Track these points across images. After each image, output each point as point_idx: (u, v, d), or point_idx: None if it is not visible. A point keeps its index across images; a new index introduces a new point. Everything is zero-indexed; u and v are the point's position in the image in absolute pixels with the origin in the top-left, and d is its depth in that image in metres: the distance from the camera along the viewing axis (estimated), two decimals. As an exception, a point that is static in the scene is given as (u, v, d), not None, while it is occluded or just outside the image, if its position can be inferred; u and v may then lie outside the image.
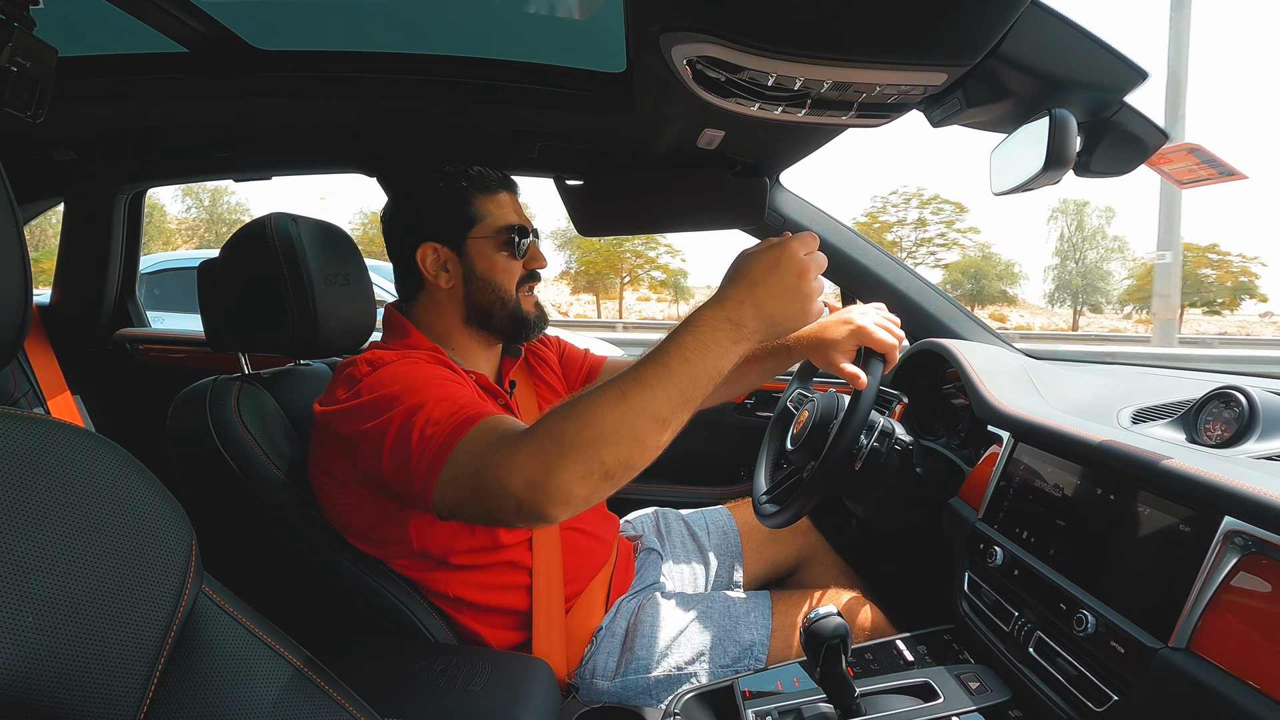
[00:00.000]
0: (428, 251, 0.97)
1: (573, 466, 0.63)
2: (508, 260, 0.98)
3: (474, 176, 0.99)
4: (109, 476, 0.46)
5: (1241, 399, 0.74)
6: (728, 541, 1.25)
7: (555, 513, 0.64)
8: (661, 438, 0.65)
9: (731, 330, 0.65)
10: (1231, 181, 0.81)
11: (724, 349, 0.65)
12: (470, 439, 0.70)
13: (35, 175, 1.57)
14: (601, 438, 0.63)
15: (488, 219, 0.98)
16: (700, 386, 0.64)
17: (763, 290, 0.66)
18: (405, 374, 0.81)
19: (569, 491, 0.63)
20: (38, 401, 1.67)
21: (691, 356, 0.64)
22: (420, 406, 0.75)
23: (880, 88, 0.70)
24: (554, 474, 0.63)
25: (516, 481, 0.64)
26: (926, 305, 1.39)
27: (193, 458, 0.90)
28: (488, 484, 0.66)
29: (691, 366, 0.64)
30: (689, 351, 0.64)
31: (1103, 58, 0.70)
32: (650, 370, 0.64)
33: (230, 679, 0.51)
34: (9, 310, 0.43)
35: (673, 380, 0.64)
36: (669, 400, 0.64)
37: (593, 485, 0.63)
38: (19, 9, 0.76)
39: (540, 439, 0.65)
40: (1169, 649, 0.57)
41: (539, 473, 0.63)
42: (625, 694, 0.92)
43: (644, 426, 0.63)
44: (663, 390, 0.63)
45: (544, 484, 0.63)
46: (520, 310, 1.00)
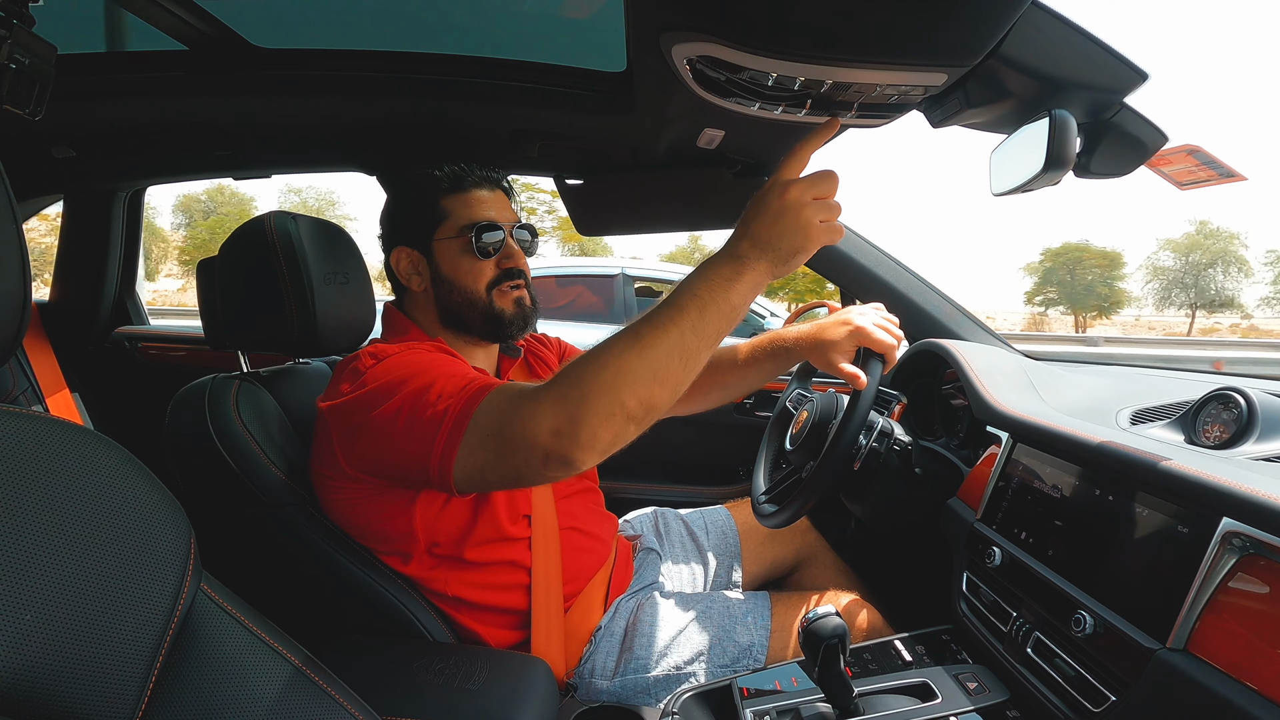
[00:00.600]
0: (400, 256, 0.98)
1: (595, 409, 0.64)
2: (473, 260, 0.95)
3: (444, 176, 0.97)
4: (108, 474, 0.46)
5: (1240, 400, 0.74)
6: (726, 541, 1.25)
7: (583, 457, 0.65)
8: (680, 374, 0.65)
9: (733, 263, 0.66)
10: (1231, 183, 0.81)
11: (727, 280, 0.65)
12: (488, 402, 0.71)
13: (34, 173, 1.57)
14: (620, 377, 0.64)
15: (451, 218, 0.96)
16: (710, 320, 0.65)
17: (756, 222, 0.66)
18: (410, 360, 0.81)
19: (594, 434, 0.64)
20: (36, 399, 1.67)
21: (698, 291, 0.65)
22: (430, 385, 0.75)
23: (880, 88, 0.70)
24: (578, 419, 0.64)
25: (542, 431, 0.65)
26: (926, 305, 1.39)
27: (191, 456, 0.90)
28: (512, 440, 0.67)
29: (701, 301, 0.65)
30: (695, 287, 0.66)
31: (1103, 59, 0.70)
32: (661, 310, 0.66)
33: (228, 677, 0.51)
34: (8, 308, 0.43)
35: (684, 315, 0.65)
36: (682, 335, 0.65)
37: (617, 427, 0.65)
38: (18, 6, 0.76)
39: (560, 386, 0.66)
40: (1167, 650, 0.57)
41: (563, 419, 0.64)
42: (624, 693, 0.92)
43: (661, 362, 0.64)
44: (675, 326, 0.64)
45: (570, 430, 0.64)
46: (493, 309, 0.97)
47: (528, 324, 1.00)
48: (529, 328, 1.02)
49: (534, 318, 1.02)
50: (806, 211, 0.65)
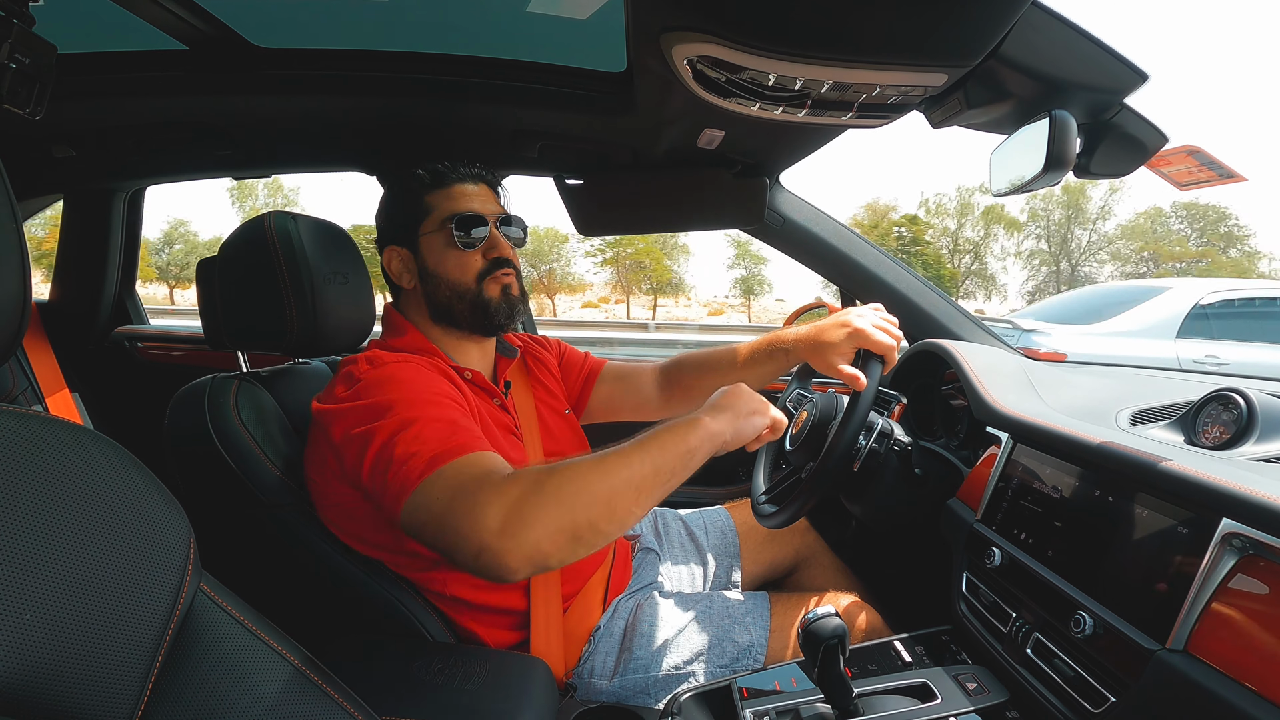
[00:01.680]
0: (391, 255, 0.99)
1: (546, 521, 0.66)
2: (458, 252, 0.95)
3: (428, 173, 0.98)
4: (107, 474, 0.46)
5: (1240, 401, 0.74)
6: (726, 542, 1.25)
7: (515, 566, 0.65)
8: (632, 507, 0.71)
9: (691, 424, 0.77)
10: (1231, 184, 0.81)
11: (682, 436, 0.75)
12: (452, 470, 0.71)
13: (34, 172, 1.57)
14: (576, 496, 0.67)
15: (434, 212, 0.97)
16: (666, 463, 0.73)
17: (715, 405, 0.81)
18: (403, 381, 0.81)
19: (536, 545, 0.65)
20: (36, 399, 1.67)
21: (660, 435, 0.75)
22: (411, 422, 0.76)
23: (880, 88, 0.70)
24: (528, 524, 0.65)
25: (488, 525, 0.65)
26: (925, 306, 1.39)
27: (191, 456, 0.90)
28: (456, 519, 0.68)
29: (661, 442, 0.74)
30: (660, 433, 0.75)
31: (1103, 59, 0.70)
32: (627, 446, 0.73)
33: (228, 677, 0.51)
34: (8, 307, 0.43)
35: (645, 453, 0.72)
36: (641, 469, 0.71)
37: (560, 544, 0.66)
38: (18, 5, 0.76)
39: (521, 486, 0.68)
40: (1166, 650, 0.57)
41: (513, 520, 0.65)
42: (623, 693, 0.92)
43: (616, 491, 0.69)
44: (636, 462, 0.71)
45: (515, 532, 0.65)
46: (482, 297, 0.96)
47: (514, 312, 1.00)
48: (515, 317, 1.01)
49: (519, 308, 1.01)
50: (752, 414, 0.83)
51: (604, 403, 1.21)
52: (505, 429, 0.97)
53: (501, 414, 0.99)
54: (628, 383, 1.21)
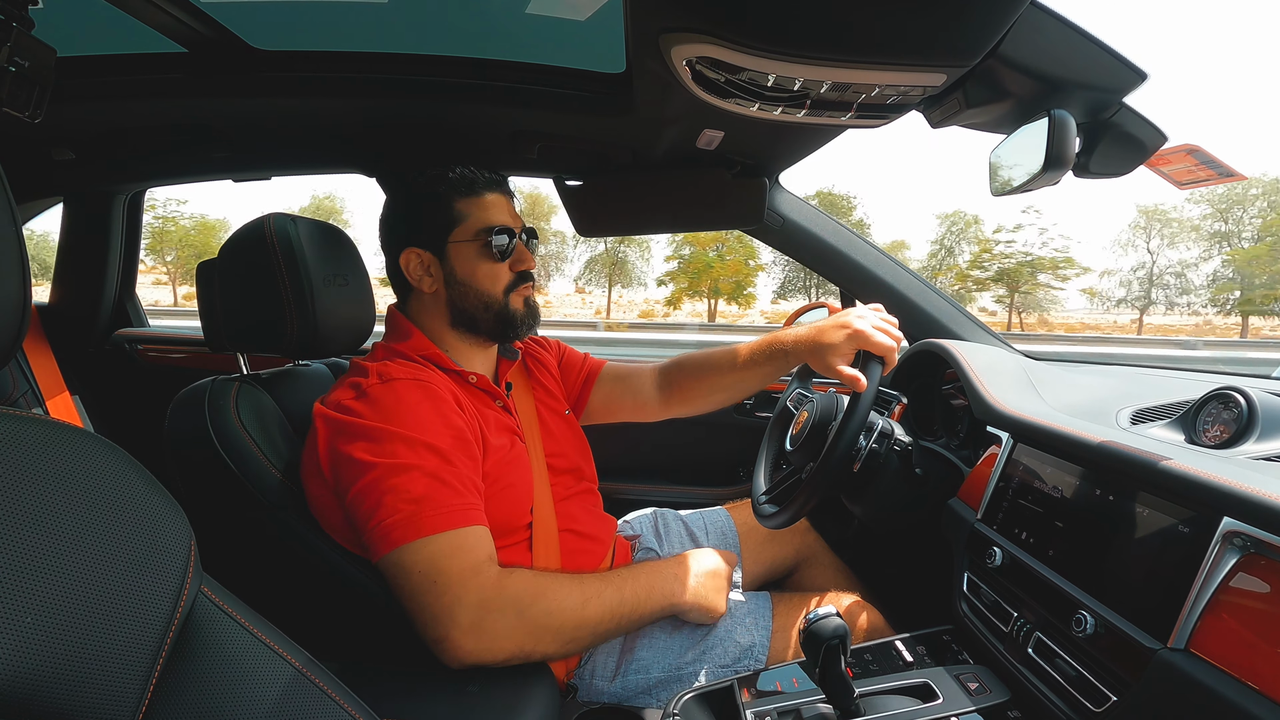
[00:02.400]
0: (410, 257, 0.98)
1: (511, 639, 0.76)
2: (491, 264, 0.97)
3: (456, 179, 0.98)
4: (108, 477, 0.46)
5: (1240, 400, 0.74)
6: (726, 542, 1.24)
7: (467, 662, 0.76)
8: (583, 646, 0.85)
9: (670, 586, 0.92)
10: (1230, 182, 0.81)
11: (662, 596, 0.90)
12: (435, 548, 0.75)
13: (34, 175, 1.57)
14: (547, 629, 0.78)
15: (468, 221, 0.96)
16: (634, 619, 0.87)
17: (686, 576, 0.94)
18: (407, 411, 0.82)
19: (492, 653, 0.75)
20: (36, 402, 1.67)
21: (642, 595, 0.88)
22: (406, 469, 0.77)
23: (880, 88, 0.70)
24: (493, 637, 0.75)
25: (457, 622, 0.74)
26: (926, 306, 1.39)
27: (191, 458, 0.90)
28: (430, 602, 0.74)
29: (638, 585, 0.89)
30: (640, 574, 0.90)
31: (1102, 59, 0.70)
32: (612, 576, 0.88)
33: (229, 679, 0.51)
34: (8, 310, 0.43)
35: (621, 598, 0.86)
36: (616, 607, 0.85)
37: (511, 657, 0.77)
38: (18, 9, 0.76)
39: (499, 598, 0.76)
40: (1168, 649, 0.57)
41: (482, 630, 0.74)
42: (625, 694, 0.92)
43: (585, 634, 0.82)
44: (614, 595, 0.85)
45: (478, 639, 0.74)
46: (508, 310, 0.98)
47: (535, 323, 1.03)
48: (535, 327, 1.03)
49: (539, 319, 1.04)
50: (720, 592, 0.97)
51: (603, 403, 1.21)
52: (507, 430, 0.97)
53: (504, 415, 0.99)
54: (627, 383, 1.21)
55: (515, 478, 0.93)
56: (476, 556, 0.76)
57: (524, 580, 0.78)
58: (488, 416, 0.94)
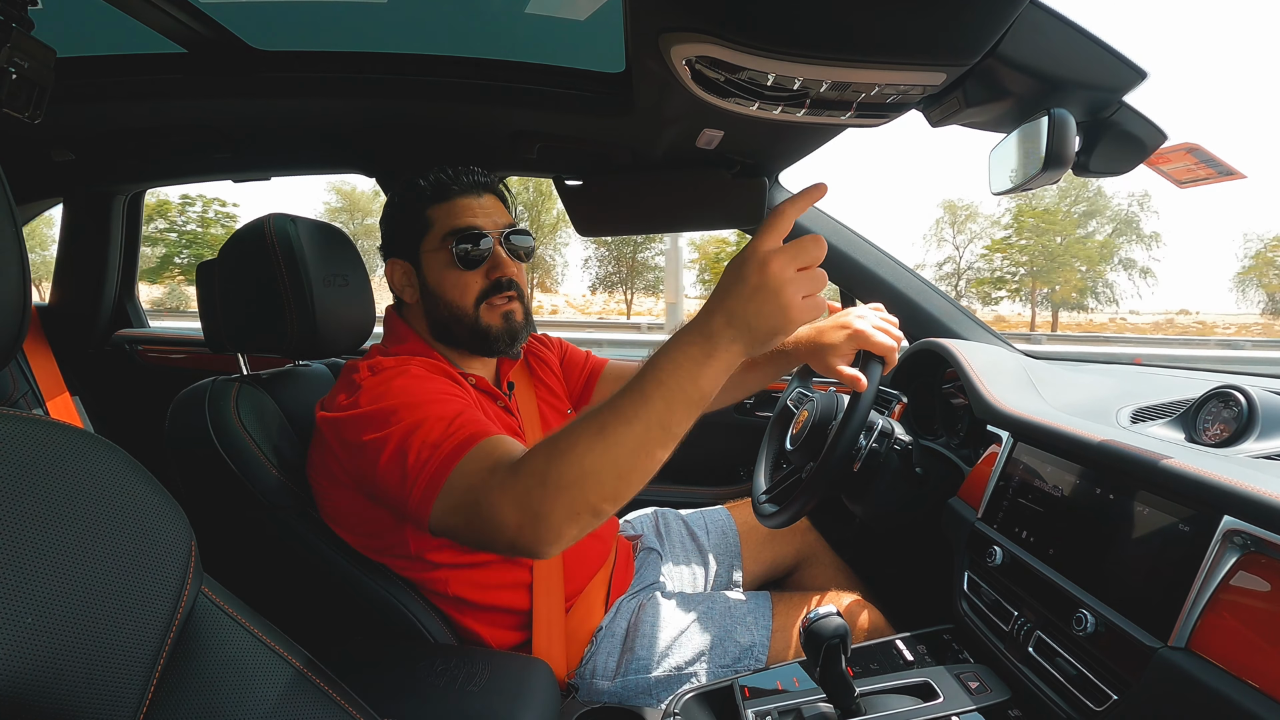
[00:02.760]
0: (394, 268, 0.97)
1: (559, 510, 0.61)
2: (459, 271, 0.92)
3: (429, 184, 0.94)
4: (108, 477, 0.46)
5: (1240, 398, 0.74)
6: (727, 541, 1.25)
7: (548, 551, 0.64)
8: (646, 468, 0.62)
9: (704, 343, 0.59)
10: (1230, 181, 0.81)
11: (698, 365, 0.59)
12: (465, 467, 0.70)
13: (34, 176, 1.57)
14: (584, 478, 0.60)
15: (435, 227, 0.93)
16: (679, 409, 0.60)
17: (732, 296, 0.58)
18: (405, 386, 0.81)
19: (559, 532, 0.63)
20: (37, 403, 1.67)
21: (665, 379, 0.59)
22: (418, 425, 0.75)
23: (879, 88, 0.70)
24: (542, 518, 0.62)
25: (508, 523, 0.64)
26: (926, 305, 1.39)
27: (192, 459, 0.90)
28: (481, 519, 0.67)
29: (667, 390, 0.59)
30: (663, 374, 0.59)
31: (1102, 57, 0.70)
32: (626, 400, 0.60)
33: (229, 680, 0.51)
34: (8, 311, 0.43)
35: (649, 407, 0.59)
36: (648, 429, 0.59)
37: (583, 523, 0.63)
38: (17, 10, 0.76)
39: (526, 478, 0.64)
40: (1168, 648, 0.57)
41: (527, 517, 0.63)
42: (625, 694, 0.92)
43: (625, 460, 0.60)
44: (640, 421, 0.59)
45: (534, 527, 0.63)
46: (479, 325, 0.93)
47: (516, 339, 0.96)
48: (518, 342, 0.98)
49: (525, 332, 0.98)
50: (789, 289, 0.57)
51: None
52: (510, 430, 0.97)
53: (506, 416, 0.99)
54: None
55: None
56: (495, 459, 0.69)
57: (534, 453, 0.66)
58: (490, 414, 0.94)
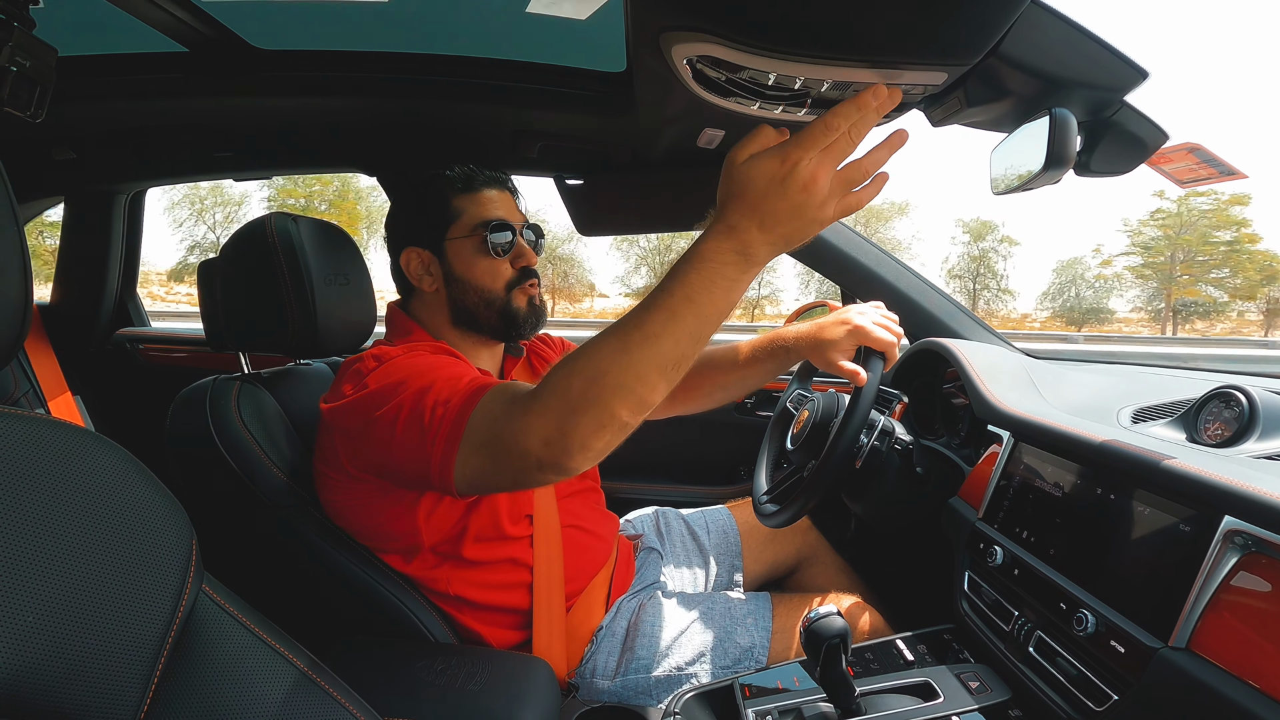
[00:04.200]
0: (410, 256, 0.97)
1: (586, 421, 0.61)
2: (489, 259, 0.96)
3: (454, 176, 0.97)
4: (109, 476, 0.46)
5: (1241, 398, 0.74)
6: (727, 541, 1.25)
7: (577, 464, 0.64)
8: (672, 378, 0.61)
9: (740, 261, 0.57)
10: (1231, 181, 0.81)
11: (732, 282, 0.58)
12: (482, 407, 0.70)
13: (35, 175, 1.57)
14: (610, 391, 0.60)
15: (463, 217, 0.96)
16: (709, 324, 0.59)
17: (768, 213, 0.56)
18: (410, 362, 0.81)
19: (585, 444, 0.62)
20: (38, 402, 1.67)
21: (697, 296, 0.58)
22: (428, 388, 0.75)
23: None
24: (568, 430, 0.62)
25: (534, 442, 0.64)
26: (926, 304, 1.39)
27: (193, 457, 0.90)
28: (506, 447, 0.67)
29: (698, 306, 0.58)
30: (694, 290, 0.58)
31: (1103, 57, 0.70)
32: (655, 316, 0.59)
33: (230, 678, 0.51)
34: (9, 310, 0.43)
35: (679, 324, 0.58)
36: (677, 344, 0.59)
37: (610, 435, 0.62)
38: (19, 8, 0.76)
39: (548, 398, 0.63)
40: (1169, 648, 0.57)
41: (553, 431, 0.62)
42: (625, 693, 0.92)
43: (652, 374, 0.60)
44: (670, 337, 0.59)
45: (560, 440, 0.62)
46: (511, 307, 0.97)
47: (539, 322, 1.01)
48: (540, 326, 1.02)
49: (544, 318, 1.02)
50: (831, 204, 0.56)
51: None
52: None
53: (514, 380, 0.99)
54: None
55: None
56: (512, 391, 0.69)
57: (553, 371, 0.65)
58: None
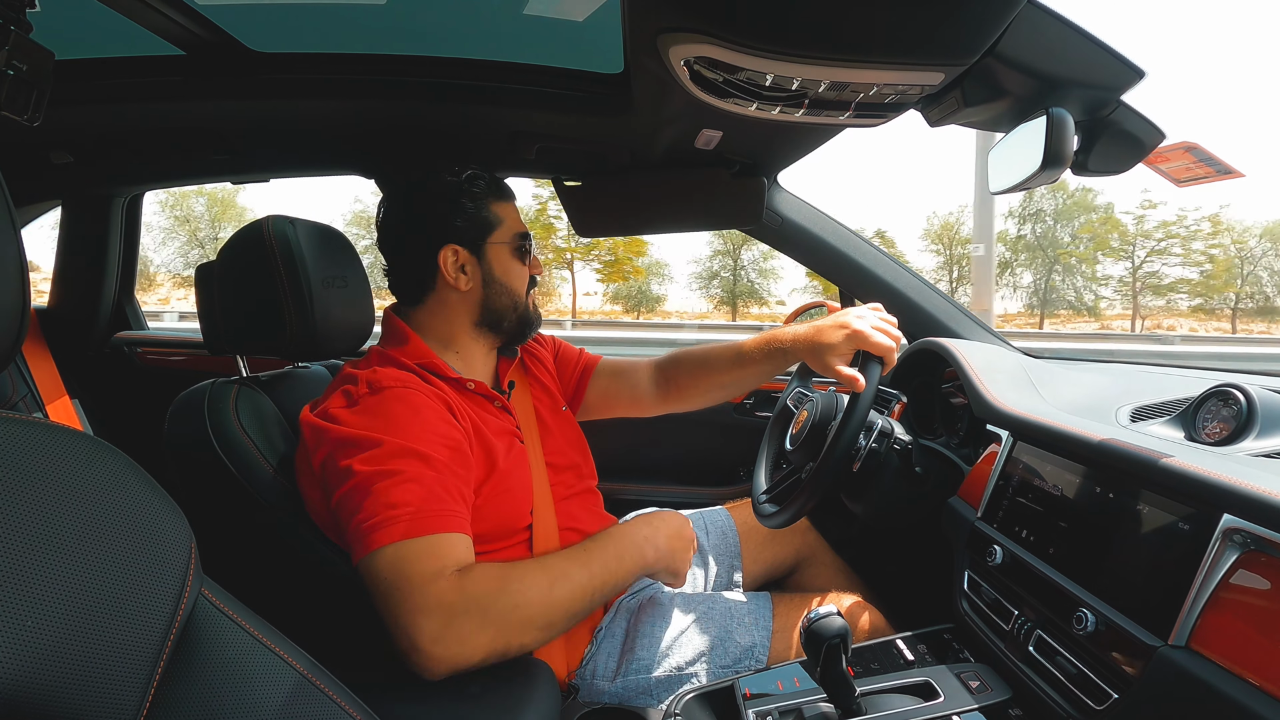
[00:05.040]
0: (449, 254, 0.97)
1: (480, 642, 0.72)
2: (521, 267, 1.03)
3: (490, 183, 1.02)
4: (108, 480, 0.46)
5: (1240, 397, 0.74)
6: (727, 542, 1.24)
7: (438, 673, 0.72)
8: (562, 629, 0.80)
9: (642, 545, 0.89)
10: (1228, 179, 0.81)
11: (633, 567, 0.87)
12: (407, 552, 0.74)
13: (33, 178, 1.57)
14: (521, 624, 0.74)
15: (504, 224, 1.01)
16: (606, 591, 0.83)
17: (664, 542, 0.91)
18: (396, 419, 0.82)
19: (468, 658, 0.72)
20: (36, 406, 1.66)
21: (612, 565, 0.84)
22: (390, 474, 0.77)
23: (878, 87, 0.70)
24: (461, 643, 0.71)
25: (423, 632, 0.71)
26: (925, 304, 1.39)
27: (191, 461, 0.90)
28: (396, 611, 0.72)
29: (609, 574, 0.84)
30: (610, 561, 0.85)
31: (1100, 57, 0.70)
32: (577, 571, 0.81)
33: (230, 682, 0.51)
34: (7, 314, 0.43)
35: (593, 584, 0.81)
36: (586, 599, 0.81)
37: (487, 657, 0.73)
38: (15, 12, 0.76)
39: (464, 602, 0.72)
40: (1169, 647, 0.57)
41: (448, 637, 0.71)
42: (626, 694, 0.92)
43: (559, 618, 0.78)
44: (584, 594, 0.80)
45: (447, 647, 0.71)
46: (529, 313, 1.05)
47: (538, 328, 1.10)
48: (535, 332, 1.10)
49: (541, 323, 1.11)
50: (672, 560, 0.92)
51: (600, 398, 1.21)
52: (507, 433, 0.97)
53: (504, 418, 0.99)
54: (623, 379, 1.22)
55: (515, 480, 0.93)
56: (442, 562, 0.74)
57: (485, 577, 0.74)
58: (487, 421, 0.94)
